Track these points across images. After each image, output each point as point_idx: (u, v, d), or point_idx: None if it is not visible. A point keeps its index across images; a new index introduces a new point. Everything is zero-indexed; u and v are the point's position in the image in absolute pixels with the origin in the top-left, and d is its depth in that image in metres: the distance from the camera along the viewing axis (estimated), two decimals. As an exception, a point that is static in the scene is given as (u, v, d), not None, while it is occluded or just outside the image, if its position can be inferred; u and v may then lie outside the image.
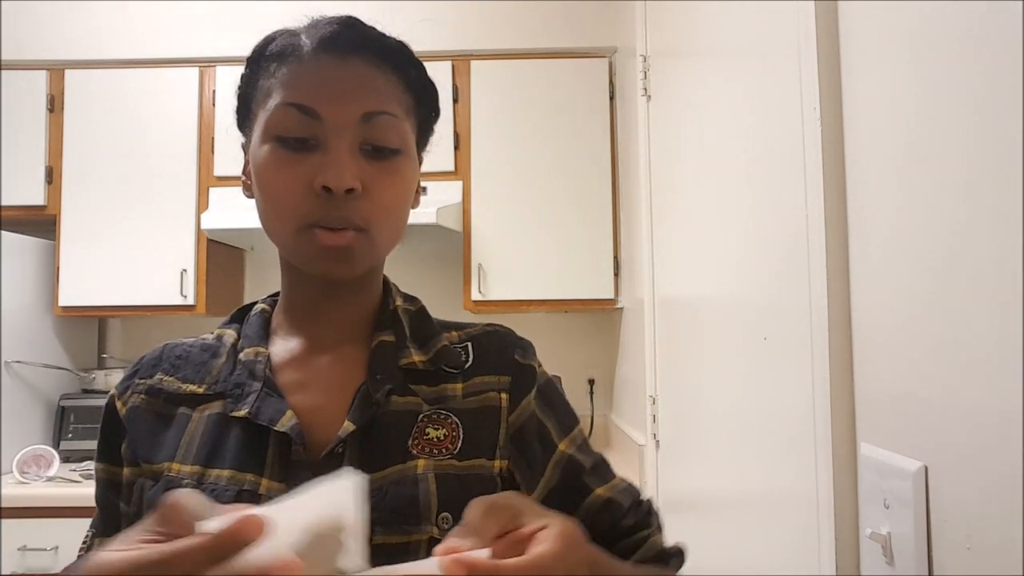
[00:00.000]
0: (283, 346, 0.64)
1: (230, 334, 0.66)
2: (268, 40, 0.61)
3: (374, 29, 0.60)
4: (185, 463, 0.58)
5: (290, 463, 0.57)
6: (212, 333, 0.67)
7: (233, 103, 0.64)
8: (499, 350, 0.67)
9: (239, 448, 0.58)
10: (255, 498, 0.55)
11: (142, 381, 0.64)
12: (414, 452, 0.59)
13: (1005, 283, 0.47)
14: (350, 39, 0.58)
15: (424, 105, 0.64)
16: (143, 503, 0.58)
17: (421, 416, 0.61)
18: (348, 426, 0.58)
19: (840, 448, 0.68)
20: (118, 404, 0.63)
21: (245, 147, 0.64)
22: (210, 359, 0.64)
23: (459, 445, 0.61)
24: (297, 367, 0.62)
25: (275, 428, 0.57)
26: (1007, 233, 0.47)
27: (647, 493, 1.83)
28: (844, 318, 0.68)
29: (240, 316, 0.68)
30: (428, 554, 0.55)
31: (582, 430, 0.71)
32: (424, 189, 0.69)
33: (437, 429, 0.61)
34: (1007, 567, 0.47)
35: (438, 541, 0.55)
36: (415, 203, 0.66)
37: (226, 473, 0.57)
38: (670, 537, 0.71)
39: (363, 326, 0.65)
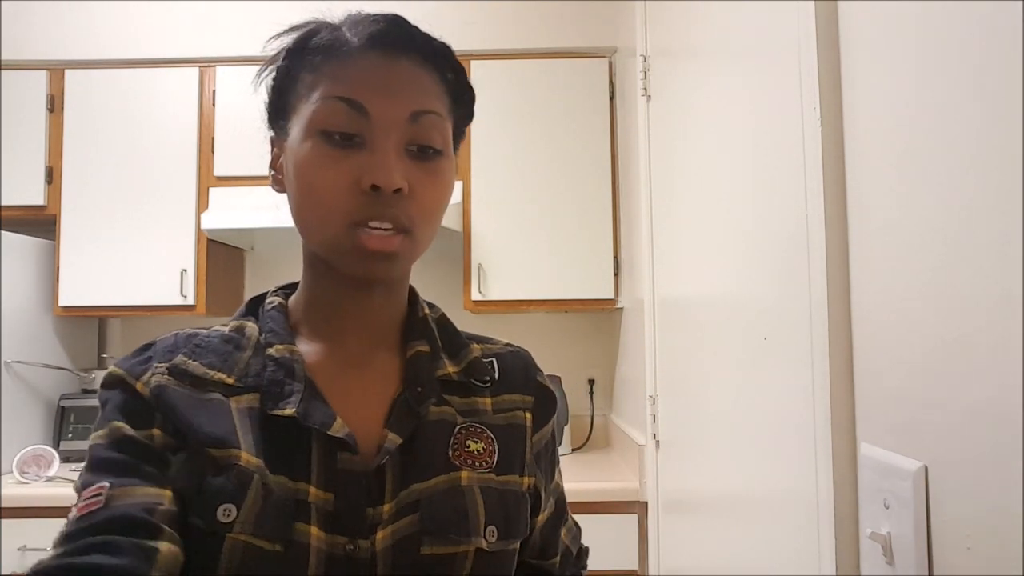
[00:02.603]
0: (310, 347, 0.62)
1: (252, 327, 0.62)
2: (312, 33, 0.59)
3: (419, 29, 0.59)
4: (252, 454, 0.54)
5: (336, 472, 0.55)
6: (226, 325, 0.63)
7: (265, 96, 0.61)
8: (522, 370, 0.69)
9: (286, 452, 0.55)
10: (307, 508, 0.53)
11: (161, 364, 0.58)
12: (456, 463, 0.60)
13: (1005, 283, 0.47)
14: (398, 37, 0.57)
15: (461, 107, 0.63)
16: (203, 484, 0.53)
17: (458, 428, 0.62)
18: (394, 439, 0.57)
19: (840, 448, 0.68)
20: (137, 385, 0.56)
21: (274, 141, 0.62)
22: (234, 351, 0.60)
23: (496, 459, 0.62)
24: (327, 372, 0.60)
25: (329, 433, 0.55)
26: (1007, 233, 0.47)
27: (647, 493, 1.82)
28: (844, 318, 0.68)
29: (254, 308, 0.65)
30: (473, 565, 0.57)
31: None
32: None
33: (476, 442, 0.62)
34: (1007, 567, 0.47)
35: (485, 552, 0.57)
36: None
37: (279, 479, 0.54)
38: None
39: (392, 332, 0.65)
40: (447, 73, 0.61)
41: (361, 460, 0.56)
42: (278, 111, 0.61)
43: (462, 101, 0.63)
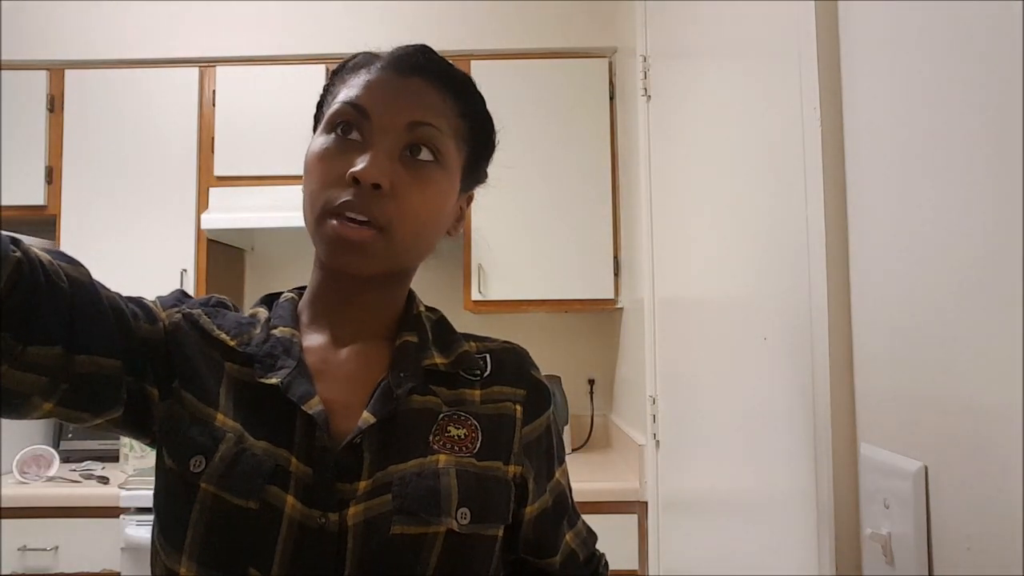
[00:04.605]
0: (309, 335, 0.66)
1: (263, 312, 0.67)
2: (352, 57, 0.67)
3: (444, 59, 0.65)
4: (228, 416, 0.59)
5: (314, 447, 0.58)
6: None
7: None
8: (516, 365, 0.71)
9: (272, 421, 0.59)
10: (286, 475, 0.57)
11: (185, 309, 0.64)
12: (435, 447, 0.62)
13: (1005, 282, 0.47)
14: (417, 61, 0.63)
15: (478, 137, 0.67)
16: (180, 432, 0.58)
17: (441, 415, 0.64)
18: (368, 418, 0.60)
19: (840, 448, 0.68)
20: (161, 313, 0.62)
21: None
22: (246, 324, 0.65)
23: (478, 446, 0.63)
24: (319, 357, 0.64)
25: (302, 407, 0.58)
26: (1007, 232, 0.47)
27: (647, 493, 1.82)
28: (844, 318, 0.68)
29: (268, 301, 0.70)
30: (445, 546, 0.58)
31: (566, 466, 0.75)
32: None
33: (458, 428, 0.64)
34: (1007, 567, 0.47)
35: (456, 534, 0.58)
36: (454, 230, 0.69)
37: (261, 444, 0.58)
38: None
39: (386, 327, 0.68)
40: (465, 100, 0.65)
41: (337, 439, 0.59)
42: (317, 120, 0.67)
43: (479, 130, 0.67)
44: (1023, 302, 0.45)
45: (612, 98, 2.31)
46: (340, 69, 0.67)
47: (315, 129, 0.67)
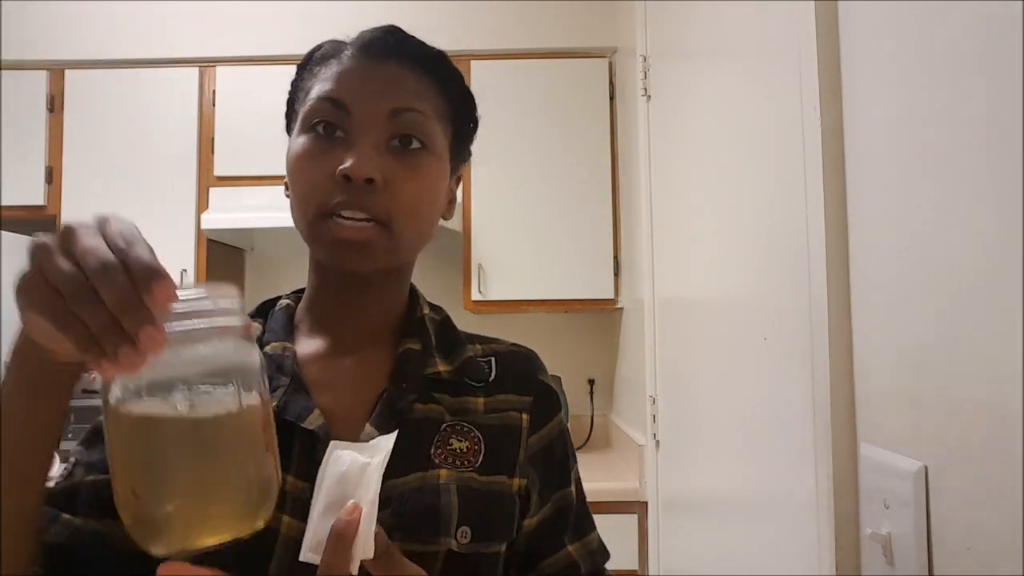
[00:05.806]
0: (306, 344, 0.64)
1: (255, 327, 0.65)
2: (316, 48, 0.64)
3: (414, 38, 0.63)
4: None
5: (314, 463, 0.56)
6: None
7: (283, 108, 0.66)
8: (523, 370, 0.68)
9: None
10: (280, 495, 0.55)
11: None
12: (436, 461, 0.59)
13: (1005, 282, 0.47)
14: (388, 44, 0.61)
15: (461, 114, 0.65)
16: None
17: (444, 426, 0.61)
18: (372, 433, 0.57)
19: (840, 448, 0.68)
20: None
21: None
22: None
23: (480, 459, 0.61)
24: (320, 366, 0.62)
25: (302, 425, 0.57)
26: (1007, 232, 0.47)
27: (647, 493, 1.81)
28: (844, 318, 0.68)
29: (265, 310, 0.68)
30: (444, 566, 0.55)
31: (578, 470, 0.72)
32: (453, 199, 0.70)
33: (460, 441, 0.61)
34: (1007, 567, 0.47)
35: (456, 554, 0.56)
36: (448, 213, 0.67)
37: None
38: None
39: (388, 331, 0.65)
40: (443, 78, 0.63)
41: None
42: (289, 120, 0.65)
43: (461, 107, 0.65)
44: (1023, 300, 0.45)
45: (612, 98, 2.31)
46: (307, 62, 0.64)
47: (288, 128, 0.64)
